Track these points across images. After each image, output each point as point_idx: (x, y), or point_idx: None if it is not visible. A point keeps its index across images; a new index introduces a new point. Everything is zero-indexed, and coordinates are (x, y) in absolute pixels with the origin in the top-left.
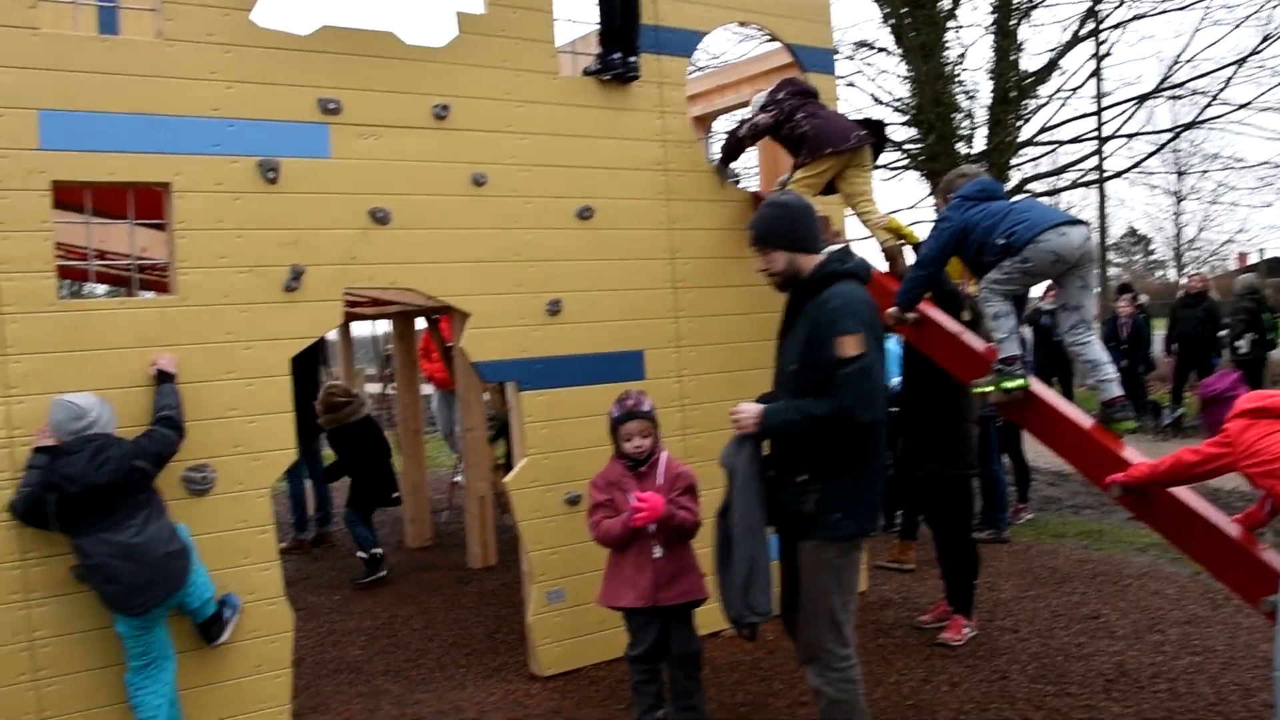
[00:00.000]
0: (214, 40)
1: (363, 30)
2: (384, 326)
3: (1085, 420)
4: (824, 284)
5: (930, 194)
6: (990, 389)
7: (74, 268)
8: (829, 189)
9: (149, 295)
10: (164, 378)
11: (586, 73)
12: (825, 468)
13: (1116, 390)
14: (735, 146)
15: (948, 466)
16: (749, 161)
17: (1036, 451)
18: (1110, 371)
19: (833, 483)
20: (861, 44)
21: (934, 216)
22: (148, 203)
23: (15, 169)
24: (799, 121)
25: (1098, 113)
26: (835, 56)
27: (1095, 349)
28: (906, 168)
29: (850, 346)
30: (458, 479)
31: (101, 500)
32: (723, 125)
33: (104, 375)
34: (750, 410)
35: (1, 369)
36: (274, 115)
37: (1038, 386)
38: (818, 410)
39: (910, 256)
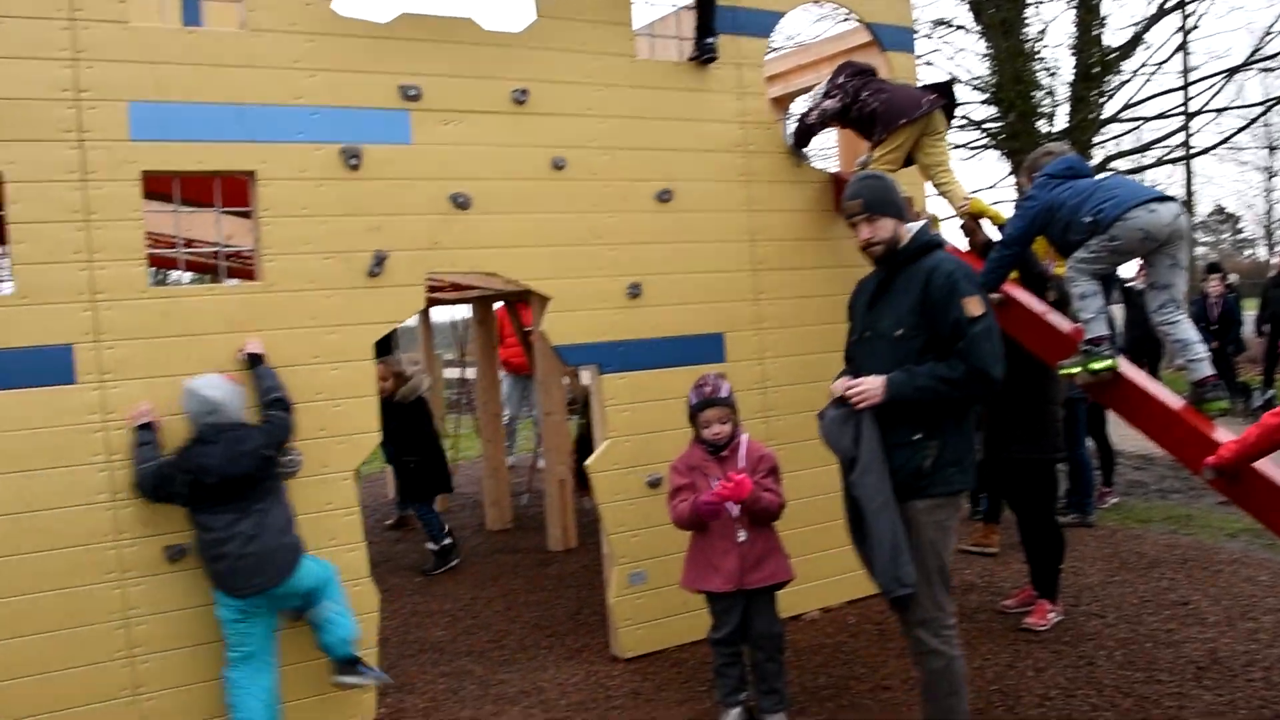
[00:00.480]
0: (297, 30)
1: (441, 17)
2: (462, 312)
3: (1175, 401)
4: (923, 252)
5: (1012, 173)
6: (1077, 370)
7: (162, 256)
8: (907, 162)
9: (234, 282)
10: (256, 359)
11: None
12: (937, 424)
13: (1207, 370)
14: (805, 133)
15: (1033, 450)
16: (826, 142)
17: (1121, 434)
18: (1201, 351)
19: (946, 438)
20: (939, 22)
21: (1015, 196)
22: (232, 190)
23: (107, 159)
24: (866, 100)
25: (1184, 87)
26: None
27: (1185, 328)
28: (986, 147)
29: (975, 306)
30: (539, 462)
31: (235, 488)
32: (800, 107)
33: (193, 360)
34: (873, 382)
35: (96, 354)
36: (356, 103)
37: (1126, 367)
38: (951, 373)
39: (992, 233)
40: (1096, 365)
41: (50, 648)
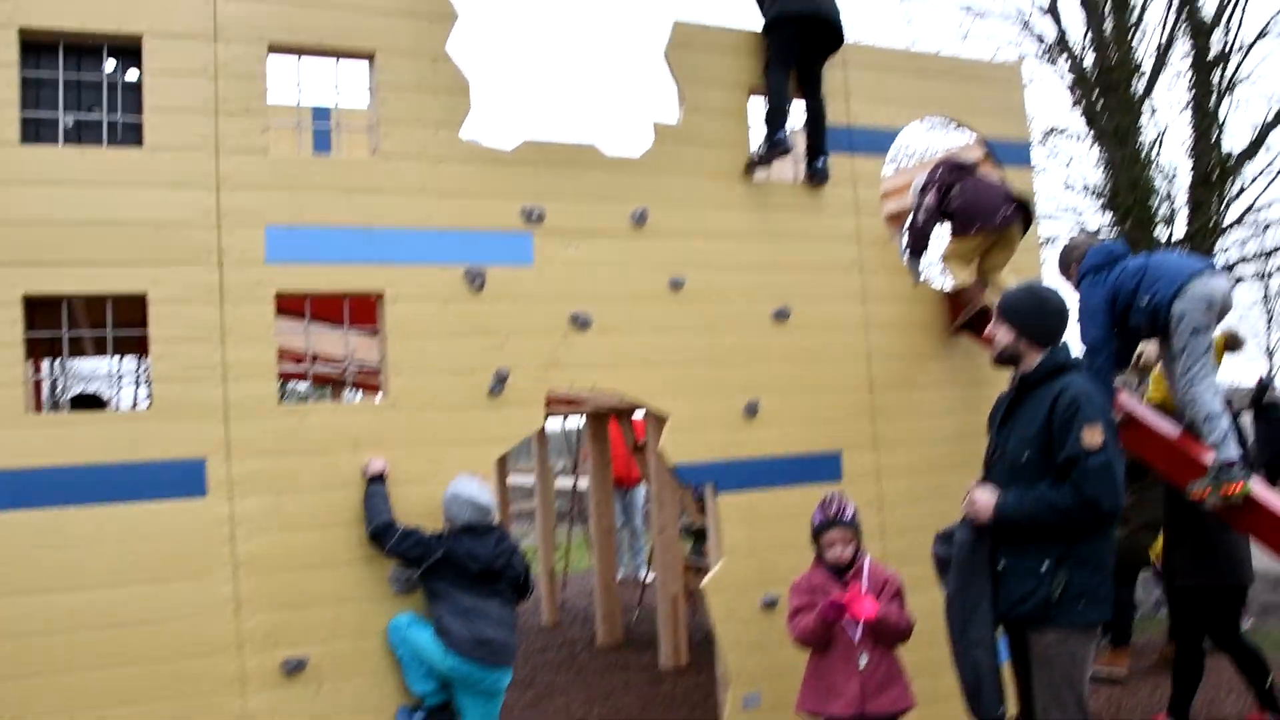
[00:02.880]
0: (425, 156)
1: (564, 144)
2: (575, 421)
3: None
4: (1053, 375)
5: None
6: (1208, 493)
7: (291, 371)
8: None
9: (357, 394)
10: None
11: (751, 162)
12: (1066, 554)
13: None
14: (921, 236)
15: (1200, 576)
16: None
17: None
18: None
19: (1075, 570)
20: (1052, 130)
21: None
22: (359, 309)
23: (244, 281)
24: (952, 197)
25: None
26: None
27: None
28: None
29: (1094, 436)
30: (648, 578)
31: (490, 578)
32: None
33: (319, 476)
34: (984, 499)
35: (226, 469)
36: (481, 225)
37: (1259, 489)
38: (1060, 501)
39: None
40: (1230, 490)
41: None
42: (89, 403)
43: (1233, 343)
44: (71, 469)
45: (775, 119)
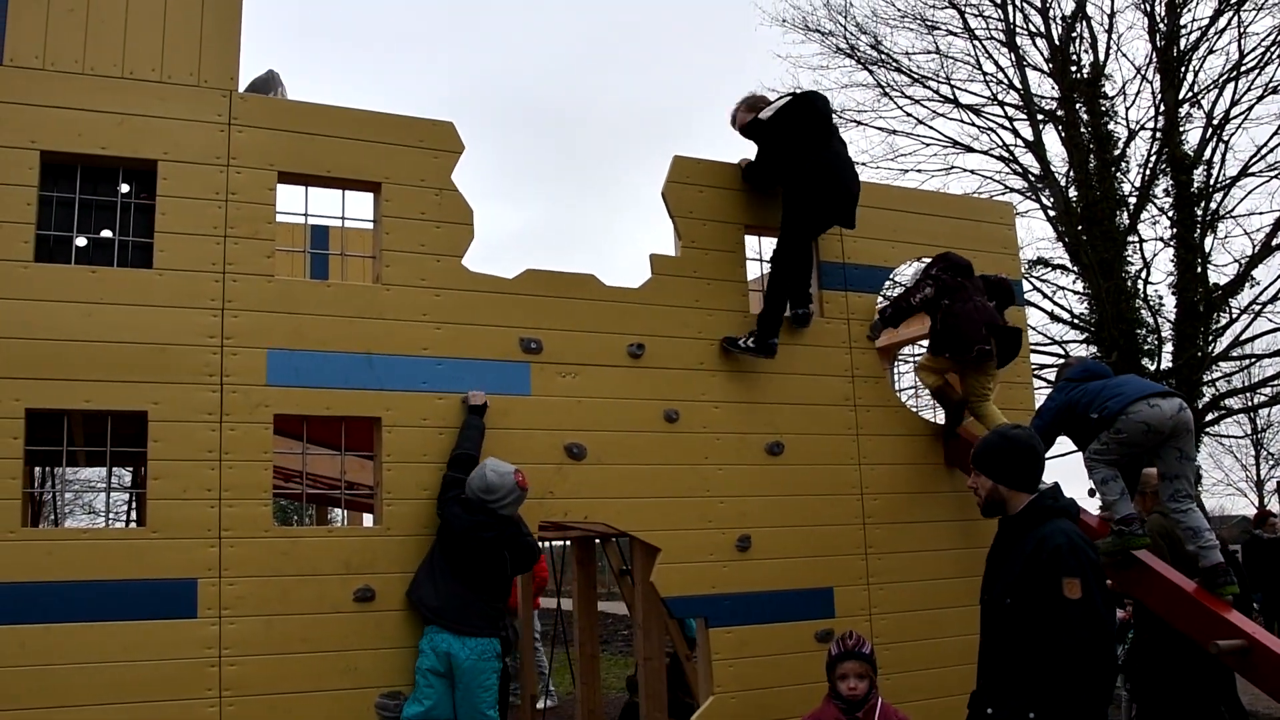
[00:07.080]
0: (426, 284)
1: (564, 273)
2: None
3: (1188, 584)
4: (1037, 520)
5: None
6: (1119, 550)
7: (287, 491)
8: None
9: (339, 514)
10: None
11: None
12: (1051, 707)
13: (1217, 557)
14: (902, 313)
15: None
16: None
17: (1252, 694)
18: (1211, 539)
19: None
20: (1037, 261)
21: None
22: (356, 432)
23: (244, 403)
24: (943, 308)
25: None
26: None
27: (1196, 516)
28: None
29: (1074, 590)
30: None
31: (470, 556)
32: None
33: (310, 599)
34: None
35: (217, 590)
36: (479, 354)
37: (1143, 554)
38: (1056, 660)
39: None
40: (1137, 543)
41: None
42: None
43: None
44: (63, 585)
45: (784, 299)
